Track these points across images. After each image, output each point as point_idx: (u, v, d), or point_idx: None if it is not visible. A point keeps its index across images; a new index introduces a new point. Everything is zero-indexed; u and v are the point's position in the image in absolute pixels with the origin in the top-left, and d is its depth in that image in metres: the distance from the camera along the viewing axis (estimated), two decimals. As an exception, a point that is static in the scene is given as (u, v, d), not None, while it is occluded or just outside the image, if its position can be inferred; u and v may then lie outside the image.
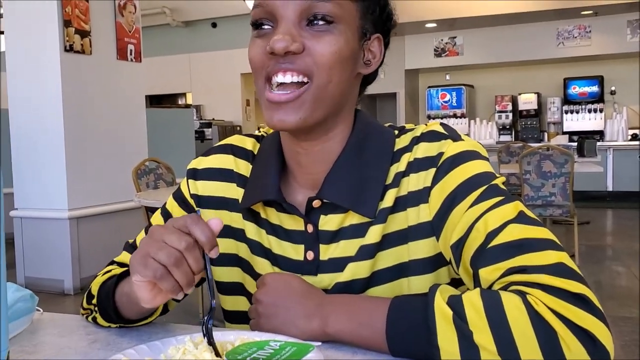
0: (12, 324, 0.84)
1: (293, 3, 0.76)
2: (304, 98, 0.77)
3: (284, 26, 0.76)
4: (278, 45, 0.75)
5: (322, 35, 0.77)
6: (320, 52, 0.77)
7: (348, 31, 0.79)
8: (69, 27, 4.44)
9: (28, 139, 4.58)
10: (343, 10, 0.78)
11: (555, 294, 0.63)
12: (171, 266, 0.67)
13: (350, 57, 0.80)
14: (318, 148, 0.85)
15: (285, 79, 0.77)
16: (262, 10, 0.79)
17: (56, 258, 4.57)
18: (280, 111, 0.78)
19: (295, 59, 0.76)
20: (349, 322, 0.73)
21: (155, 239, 0.69)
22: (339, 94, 0.81)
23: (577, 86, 9.26)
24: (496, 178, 0.80)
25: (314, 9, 0.77)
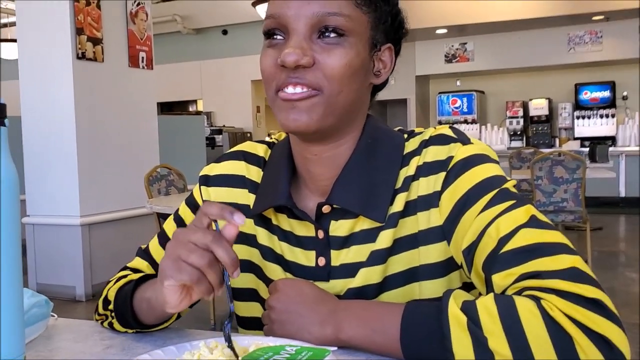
0: (27, 329, 0.84)
1: (305, 16, 0.77)
2: (315, 101, 0.78)
3: (295, 39, 0.77)
4: (289, 58, 0.75)
5: (333, 49, 0.77)
6: (330, 65, 0.77)
7: (359, 43, 0.79)
8: (81, 35, 4.47)
9: (40, 146, 4.61)
10: (354, 23, 0.78)
11: (570, 299, 0.63)
12: (205, 267, 0.68)
13: (360, 68, 0.80)
14: (328, 154, 0.85)
15: (296, 90, 0.77)
16: (274, 22, 0.79)
17: (68, 265, 4.59)
18: (294, 111, 0.78)
19: (306, 73, 0.77)
20: (363, 328, 0.72)
21: (182, 241, 0.69)
22: (350, 104, 0.81)
23: (588, 91, 9.22)
24: (507, 181, 0.80)
25: (325, 22, 0.77)
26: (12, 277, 0.65)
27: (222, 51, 10.66)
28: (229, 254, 0.68)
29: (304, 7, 0.76)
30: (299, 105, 0.78)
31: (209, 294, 0.70)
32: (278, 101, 0.79)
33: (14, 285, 0.66)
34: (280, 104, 0.79)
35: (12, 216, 0.65)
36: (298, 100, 0.77)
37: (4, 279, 0.64)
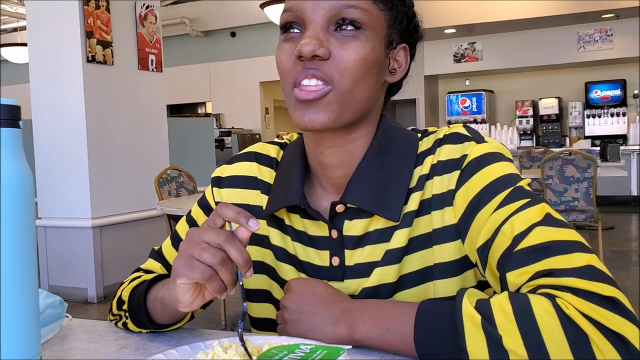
0: (43, 330, 0.85)
1: (322, 8, 0.77)
2: (329, 98, 0.78)
3: (312, 30, 0.77)
4: (305, 48, 0.75)
5: (349, 41, 0.77)
6: (345, 58, 0.77)
7: (375, 38, 0.80)
8: (91, 38, 4.50)
9: (51, 149, 4.64)
10: (371, 17, 0.79)
11: (585, 297, 0.63)
12: (217, 265, 0.68)
13: (375, 64, 0.80)
14: (342, 152, 0.85)
15: (311, 83, 0.77)
16: (291, 15, 0.80)
17: (80, 267, 4.62)
18: (309, 110, 0.78)
19: (321, 65, 0.77)
20: (377, 327, 0.72)
21: (196, 240, 0.70)
22: (365, 99, 0.81)
23: (598, 90, 9.17)
24: (521, 180, 0.79)
25: (343, 14, 0.77)
26: (28, 278, 0.66)
27: (231, 53, 10.69)
28: (241, 253, 0.69)
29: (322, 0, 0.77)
30: (314, 105, 0.78)
31: (222, 293, 0.70)
32: (293, 99, 0.79)
33: (29, 286, 0.66)
34: (295, 102, 0.79)
35: (28, 218, 0.66)
36: (313, 100, 0.77)
37: (19, 280, 0.65)
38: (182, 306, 0.73)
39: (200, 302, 0.74)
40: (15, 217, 0.64)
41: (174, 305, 0.75)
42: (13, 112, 0.66)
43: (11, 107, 0.66)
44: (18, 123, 0.67)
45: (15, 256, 0.64)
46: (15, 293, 0.64)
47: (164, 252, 0.99)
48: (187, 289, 0.72)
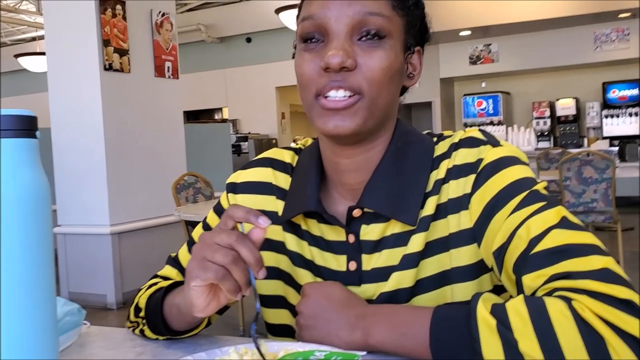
0: (61, 337, 0.86)
1: (346, 16, 0.77)
2: (358, 106, 0.78)
3: (337, 41, 0.77)
4: (334, 60, 0.75)
5: (373, 51, 0.78)
6: (372, 68, 0.77)
7: (397, 45, 0.80)
8: (108, 47, 4.55)
9: (70, 157, 4.69)
10: (392, 24, 0.79)
11: (601, 299, 0.62)
12: (229, 265, 0.69)
13: (398, 71, 0.81)
14: (360, 160, 0.85)
15: (338, 94, 0.77)
16: (312, 24, 0.79)
17: (99, 273, 4.66)
18: (336, 117, 0.78)
19: (348, 76, 0.77)
20: (392, 333, 0.72)
21: (208, 243, 0.71)
22: (388, 106, 0.82)
23: (616, 90, 9.07)
24: (537, 183, 0.79)
25: (366, 24, 0.77)
26: (45, 287, 0.66)
27: (247, 59, 10.73)
28: (252, 253, 0.69)
29: (345, 7, 0.77)
30: (342, 113, 0.78)
31: (236, 293, 0.70)
32: (317, 107, 0.80)
33: (47, 294, 0.67)
34: (321, 110, 0.79)
35: (45, 227, 0.67)
36: (343, 108, 0.77)
37: (37, 288, 0.65)
38: (196, 310, 0.74)
39: (215, 306, 0.74)
40: (33, 226, 0.65)
41: (189, 311, 0.75)
42: (30, 122, 0.67)
43: (28, 117, 0.67)
44: (35, 133, 0.68)
45: (32, 265, 0.65)
46: (33, 301, 0.65)
47: (181, 258, 1.00)
48: (201, 291, 0.72)
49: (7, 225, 0.63)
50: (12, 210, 0.64)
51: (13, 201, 0.64)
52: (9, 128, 0.65)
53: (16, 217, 0.64)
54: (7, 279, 0.63)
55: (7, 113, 0.65)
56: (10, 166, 0.64)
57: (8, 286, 0.63)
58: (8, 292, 0.63)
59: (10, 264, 0.64)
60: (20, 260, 0.64)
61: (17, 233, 0.64)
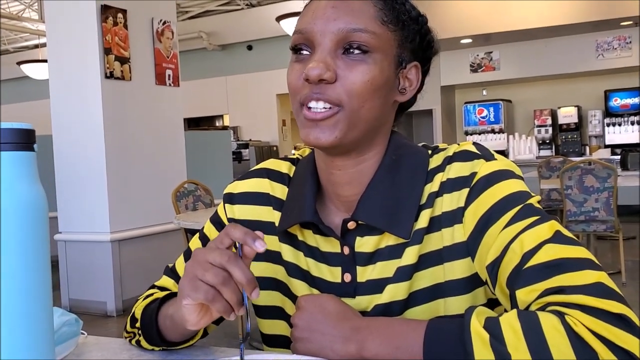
0: (58, 348, 0.86)
1: (330, 32, 0.79)
2: (337, 118, 0.79)
3: (320, 54, 0.79)
4: (312, 72, 0.77)
5: (356, 65, 0.79)
6: (351, 81, 0.78)
7: (384, 60, 0.80)
8: (109, 55, 4.56)
9: (71, 164, 4.70)
10: (380, 39, 0.80)
11: (594, 314, 0.63)
12: (220, 285, 0.69)
13: (383, 85, 0.81)
14: (352, 170, 0.85)
15: (318, 106, 0.79)
16: (301, 37, 0.81)
17: (99, 280, 4.66)
18: (316, 129, 0.79)
19: (327, 88, 0.78)
20: (386, 345, 0.72)
21: (200, 260, 0.71)
22: (373, 119, 0.82)
23: (618, 98, 9.07)
24: (531, 197, 0.79)
25: (350, 39, 0.78)
26: (42, 298, 0.67)
27: (247, 66, 10.76)
28: (244, 273, 0.69)
29: (330, 23, 0.78)
30: (321, 124, 0.79)
31: (228, 314, 0.70)
32: (301, 117, 0.81)
33: (44, 305, 0.67)
34: (304, 121, 0.81)
35: (42, 238, 0.67)
36: (321, 120, 0.78)
37: (34, 299, 0.66)
38: (189, 325, 0.75)
39: (208, 320, 0.75)
40: (30, 238, 0.66)
41: (182, 324, 0.76)
42: (28, 135, 0.68)
43: (26, 131, 0.67)
44: (32, 146, 0.68)
45: (29, 276, 0.65)
46: (30, 312, 0.65)
47: (177, 269, 1.00)
48: (192, 309, 0.73)
49: (5, 236, 0.64)
50: (10, 222, 0.64)
51: (11, 213, 0.64)
52: (8, 141, 0.65)
53: (14, 228, 0.64)
54: (5, 290, 0.64)
55: (6, 126, 0.66)
56: (9, 179, 0.65)
57: (5, 297, 0.64)
58: (5, 302, 0.64)
59: (7, 275, 0.64)
60: (17, 272, 0.65)
61: (15, 244, 0.64)
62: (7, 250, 0.64)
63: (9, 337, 0.64)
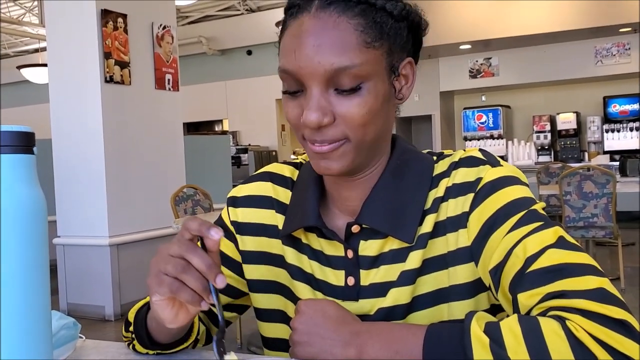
0: (56, 351, 0.86)
1: (318, 74, 0.75)
2: (344, 149, 0.79)
3: (314, 99, 0.76)
4: (311, 121, 0.76)
5: (351, 99, 0.77)
6: (351, 117, 0.77)
7: (378, 82, 0.78)
8: (109, 59, 4.57)
9: (70, 168, 4.70)
10: (369, 65, 0.76)
11: (595, 319, 0.62)
12: (180, 274, 0.69)
13: (382, 105, 0.80)
14: (358, 183, 0.86)
15: (322, 146, 0.78)
16: (288, 78, 0.79)
17: (97, 284, 4.65)
18: (324, 160, 0.80)
19: (328, 129, 0.77)
20: (386, 350, 0.72)
21: (162, 255, 0.72)
22: (378, 137, 0.82)
23: (617, 104, 9.09)
24: (536, 203, 0.79)
25: (339, 77, 0.75)
26: (40, 301, 0.67)
27: (247, 71, 10.78)
28: (203, 260, 0.69)
29: (316, 65, 0.75)
30: (329, 156, 0.79)
31: (197, 303, 0.70)
32: (307, 148, 0.81)
33: (42, 308, 0.67)
34: (310, 152, 0.81)
35: (41, 241, 0.67)
36: (328, 152, 0.78)
37: (32, 302, 0.66)
38: (166, 322, 0.75)
39: (186, 316, 0.75)
40: (29, 240, 0.66)
41: (162, 323, 0.76)
42: (27, 138, 0.68)
43: (26, 133, 0.67)
44: (32, 149, 0.68)
45: (27, 279, 0.65)
46: (28, 315, 0.65)
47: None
48: (164, 305, 0.73)
49: (4, 239, 0.64)
50: (9, 224, 0.64)
51: (10, 216, 0.64)
52: (7, 144, 0.65)
53: (13, 231, 0.64)
54: (4, 293, 0.64)
55: (5, 129, 0.66)
56: (8, 181, 0.65)
57: (4, 299, 0.64)
58: (4, 304, 0.64)
59: (6, 277, 0.64)
60: (16, 274, 0.64)
61: (14, 247, 0.64)
62: (6, 253, 0.64)
63: (8, 340, 0.64)
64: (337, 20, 0.75)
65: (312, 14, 0.76)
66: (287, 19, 0.81)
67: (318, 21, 0.76)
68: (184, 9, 10.22)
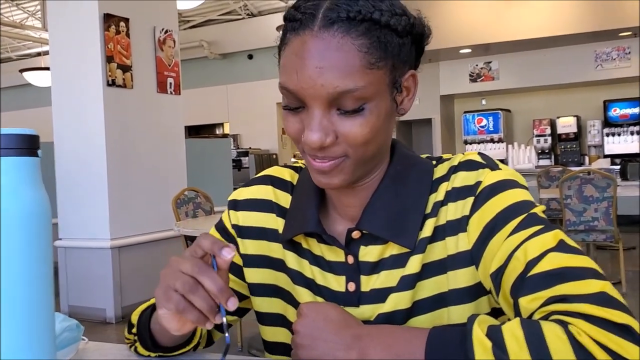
0: (59, 353, 0.86)
1: (320, 96, 0.74)
2: (344, 165, 0.79)
3: (315, 120, 0.76)
4: (313, 141, 0.75)
5: (353, 119, 0.76)
6: (353, 137, 0.76)
7: (380, 102, 0.77)
8: (111, 63, 4.58)
9: (72, 171, 4.70)
10: (372, 86, 0.75)
11: (598, 324, 0.62)
12: (188, 294, 0.69)
13: (384, 123, 0.79)
14: (358, 190, 0.86)
15: (323, 162, 0.78)
16: (290, 96, 0.78)
17: (98, 287, 4.65)
18: (325, 176, 0.80)
19: (330, 149, 0.77)
20: (387, 353, 0.72)
21: (173, 269, 0.71)
22: (378, 151, 0.82)
23: (617, 108, 9.09)
24: (535, 207, 0.79)
25: (341, 100, 0.74)
26: (44, 302, 0.67)
27: (248, 75, 10.79)
28: (215, 283, 0.69)
29: (318, 89, 0.74)
30: (329, 172, 0.79)
31: (202, 323, 0.70)
32: (308, 160, 0.80)
33: (46, 310, 0.67)
34: (310, 167, 0.81)
35: (45, 243, 0.68)
36: (329, 169, 0.78)
37: (36, 303, 0.66)
38: (172, 331, 0.75)
39: (191, 327, 0.75)
40: (33, 243, 0.66)
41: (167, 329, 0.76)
42: (31, 141, 0.68)
43: (29, 136, 0.68)
44: (37, 152, 0.69)
45: (32, 281, 0.66)
46: (32, 317, 0.66)
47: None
48: (170, 318, 0.73)
49: (8, 241, 0.64)
50: (13, 227, 0.65)
51: (14, 219, 0.65)
52: (11, 147, 0.66)
53: (17, 234, 0.65)
54: (7, 294, 0.64)
55: (9, 132, 0.66)
56: (12, 184, 0.65)
57: (7, 301, 0.64)
58: (7, 306, 0.64)
59: (10, 279, 0.64)
60: (20, 276, 0.65)
61: (18, 250, 0.65)
62: (10, 255, 0.64)
63: (11, 342, 0.64)
64: (341, 42, 0.73)
65: (315, 33, 0.74)
66: (287, 31, 0.79)
67: (321, 42, 0.73)
68: (185, 13, 10.24)
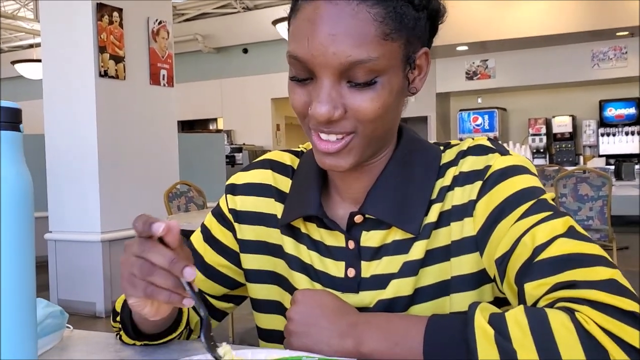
0: (42, 340, 0.83)
1: (331, 65, 0.71)
2: (352, 145, 0.75)
3: (324, 91, 0.72)
4: (321, 113, 0.72)
5: (364, 92, 0.73)
6: (363, 111, 0.73)
7: (392, 77, 0.74)
8: (103, 53, 4.53)
9: (63, 163, 4.66)
10: (385, 58, 0.72)
11: (605, 310, 0.60)
12: (147, 276, 0.67)
13: (395, 99, 0.76)
14: (363, 172, 0.83)
15: (330, 138, 0.75)
16: (299, 66, 0.74)
17: (88, 281, 4.61)
18: (331, 157, 0.76)
19: (338, 123, 0.74)
20: (385, 341, 0.69)
21: (127, 255, 0.70)
22: (387, 130, 0.79)
23: (613, 108, 9.12)
24: (545, 193, 0.77)
25: (353, 71, 0.71)
26: (25, 284, 0.64)
27: (243, 70, 10.75)
28: (163, 257, 0.67)
29: (329, 57, 0.71)
30: (335, 154, 0.76)
31: (177, 301, 0.68)
32: (313, 140, 0.77)
33: (27, 292, 0.64)
34: (316, 145, 0.77)
35: (27, 221, 0.64)
36: (335, 151, 0.75)
37: (16, 285, 0.63)
38: (150, 317, 0.73)
39: (166, 308, 0.74)
40: (14, 220, 0.63)
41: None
42: (14, 114, 0.65)
43: (11, 109, 0.65)
44: (18, 126, 0.66)
45: (12, 260, 0.62)
46: (11, 299, 0.62)
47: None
48: (142, 304, 0.71)
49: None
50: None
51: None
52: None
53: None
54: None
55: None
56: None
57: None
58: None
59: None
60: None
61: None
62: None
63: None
64: (356, 9, 0.70)
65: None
66: None
67: (335, 7, 0.70)
68: (180, 6, 10.19)
